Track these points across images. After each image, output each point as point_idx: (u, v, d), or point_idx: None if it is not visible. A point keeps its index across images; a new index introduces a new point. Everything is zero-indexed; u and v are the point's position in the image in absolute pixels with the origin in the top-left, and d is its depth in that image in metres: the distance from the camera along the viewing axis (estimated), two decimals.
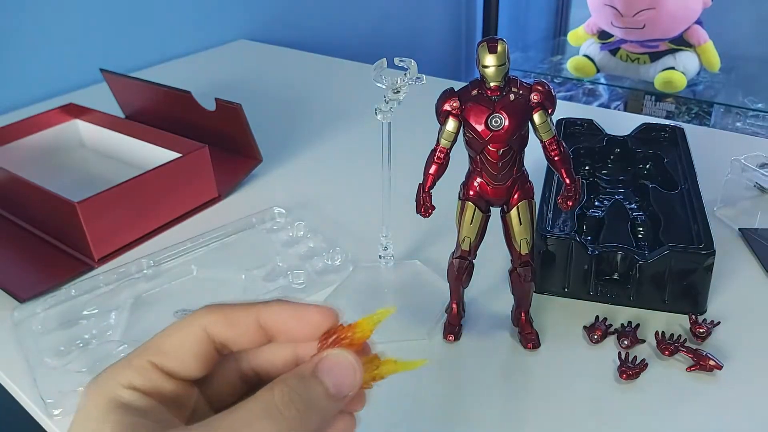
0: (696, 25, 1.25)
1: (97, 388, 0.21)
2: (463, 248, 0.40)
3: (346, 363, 0.21)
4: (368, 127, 0.74)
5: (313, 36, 1.24)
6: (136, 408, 0.20)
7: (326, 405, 0.21)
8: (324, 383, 0.21)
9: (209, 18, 1.09)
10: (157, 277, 0.50)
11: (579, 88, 1.45)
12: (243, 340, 0.22)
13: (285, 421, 0.19)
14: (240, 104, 0.61)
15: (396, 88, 0.39)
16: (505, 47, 0.34)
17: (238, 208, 0.60)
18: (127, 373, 0.21)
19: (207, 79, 0.93)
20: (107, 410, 0.20)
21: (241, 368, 0.24)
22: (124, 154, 0.67)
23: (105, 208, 0.52)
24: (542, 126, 0.36)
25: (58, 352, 0.43)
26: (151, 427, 0.20)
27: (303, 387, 0.20)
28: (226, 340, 0.22)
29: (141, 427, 0.20)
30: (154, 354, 0.21)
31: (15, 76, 0.86)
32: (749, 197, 0.58)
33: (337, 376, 0.21)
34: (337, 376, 0.21)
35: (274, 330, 0.22)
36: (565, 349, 0.42)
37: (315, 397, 0.20)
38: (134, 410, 0.20)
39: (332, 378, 0.21)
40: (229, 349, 0.23)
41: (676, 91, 1.25)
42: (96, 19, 0.93)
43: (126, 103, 0.75)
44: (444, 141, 0.37)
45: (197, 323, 0.22)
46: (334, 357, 0.21)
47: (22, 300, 0.48)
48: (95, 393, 0.21)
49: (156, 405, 0.21)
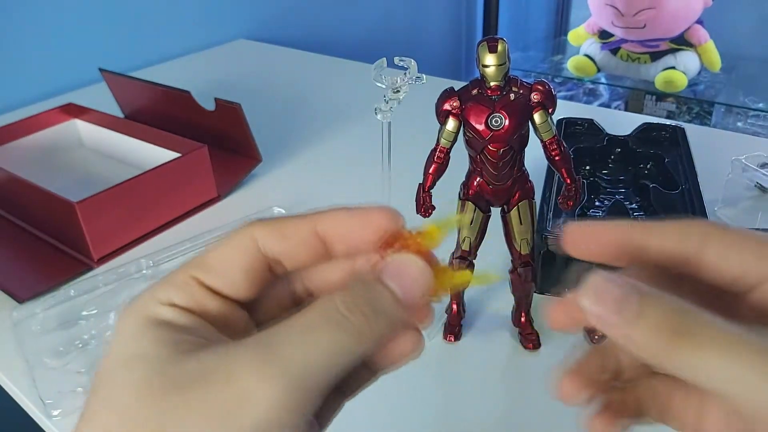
0: (697, 25, 1.25)
1: (132, 309, 0.18)
2: (463, 248, 0.40)
3: (414, 266, 0.19)
4: (368, 126, 0.74)
5: (313, 35, 1.24)
6: (178, 325, 0.18)
7: (394, 311, 0.19)
8: (391, 287, 0.19)
9: (209, 17, 1.09)
10: (157, 277, 0.50)
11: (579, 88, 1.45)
12: (299, 254, 0.20)
13: (351, 325, 0.17)
14: (239, 104, 0.61)
15: (396, 88, 0.39)
16: (506, 47, 0.34)
17: (237, 208, 0.60)
18: (167, 290, 0.18)
19: (206, 78, 0.93)
20: (144, 328, 0.17)
21: (295, 290, 0.21)
22: (124, 154, 0.67)
23: (104, 208, 0.51)
24: (543, 126, 0.36)
25: (57, 352, 0.43)
26: (196, 342, 0.17)
27: (368, 292, 0.18)
28: (280, 254, 0.19)
29: (184, 342, 0.17)
30: (198, 269, 0.19)
31: (14, 75, 0.86)
32: (750, 197, 0.58)
33: (405, 280, 0.19)
34: (405, 280, 0.19)
35: (335, 238, 0.20)
36: (565, 350, 0.42)
37: (382, 301, 0.18)
38: (175, 327, 0.18)
39: (400, 282, 0.19)
40: (283, 267, 0.20)
41: (676, 90, 1.25)
42: (95, 18, 0.93)
43: (125, 103, 0.74)
44: (444, 141, 0.37)
45: (248, 235, 0.19)
46: (400, 260, 0.19)
47: (21, 300, 0.48)
48: (130, 313, 0.18)
49: (200, 322, 0.18)
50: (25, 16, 0.85)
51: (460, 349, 0.43)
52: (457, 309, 0.43)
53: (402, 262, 0.19)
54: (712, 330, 0.16)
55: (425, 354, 0.42)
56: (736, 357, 0.15)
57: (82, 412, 0.17)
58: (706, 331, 0.16)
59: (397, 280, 0.19)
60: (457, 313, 0.43)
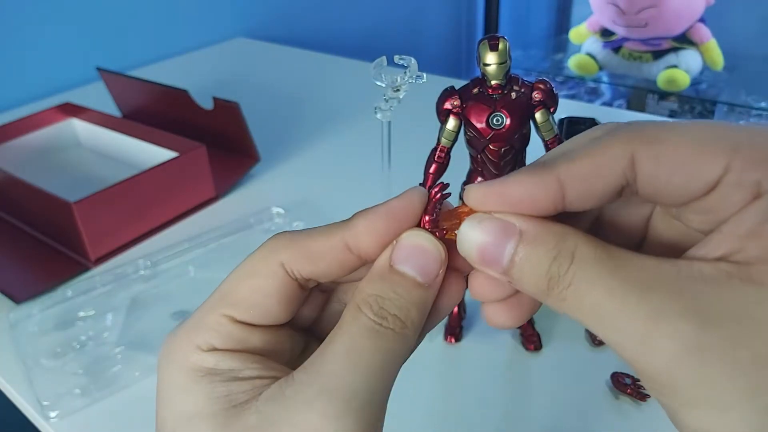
0: (699, 24, 1.24)
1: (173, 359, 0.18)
2: None
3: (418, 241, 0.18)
4: (368, 126, 0.74)
5: (311, 34, 1.23)
6: (225, 371, 0.17)
7: (420, 295, 0.18)
8: (407, 274, 0.18)
9: (206, 16, 1.08)
10: (154, 277, 0.50)
11: (581, 87, 1.44)
12: (332, 272, 0.19)
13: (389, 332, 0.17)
14: (238, 103, 0.60)
15: (396, 87, 0.38)
16: (507, 45, 0.34)
17: (236, 207, 0.60)
18: (203, 335, 0.18)
19: (204, 77, 0.93)
20: (194, 382, 0.17)
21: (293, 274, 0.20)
22: (121, 154, 0.67)
23: (101, 208, 0.51)
24: (544, 125, 0.35)
25: (54, 353, 0.42)
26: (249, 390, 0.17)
27: (388, 287, 0.18)
28: (311, 275, 0.19)
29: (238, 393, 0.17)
30: (228, 306, 0.18)
31: (10, 75, 0.86)
32: None
33: (417, 260, 0.18)
34: (418, 259, 0.18)
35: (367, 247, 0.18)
36: (567, 351, 0.41)
37: (405, 292, 0.18)
38: (223, 374, 0.17)
39: (414, 264, 0.18)
40: (316, 282, 0.19)
41: (679, 89, 1.25)
42: (92, 17, 0.92)
43: (123, 102, 0.74)
44: (444, 140, 0.36)
45: (274, 261, 0.18)
46: (403, 243, 0.18)
47: (18, 301, 0.47)
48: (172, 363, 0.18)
49: (246, 359, 0.18)
50: (22, 15, 0.85)
51: (461, 350, 0.42)
52: (457, 310, 0.43)
53: (405, 243, 0.18)
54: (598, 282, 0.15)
55: (426, 355, 0.42)
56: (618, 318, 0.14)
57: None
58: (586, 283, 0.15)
59: (410, 263, 0.18)
60: (457, 314, 0.43)
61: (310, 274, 0.19)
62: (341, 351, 0.17)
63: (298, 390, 0.16)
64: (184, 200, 0.58)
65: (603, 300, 0.15)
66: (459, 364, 0.41)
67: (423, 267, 0.18)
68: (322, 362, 0.17)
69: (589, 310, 0.15)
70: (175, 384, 0.17)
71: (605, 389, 0.39)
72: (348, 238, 0.19)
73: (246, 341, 0.18)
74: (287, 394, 0.16)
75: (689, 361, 0.14)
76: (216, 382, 0.17)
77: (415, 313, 0.18)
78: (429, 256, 0.18)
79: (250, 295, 0.18)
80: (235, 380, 0.17)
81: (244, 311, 0.18)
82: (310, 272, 0.18)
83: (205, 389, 0.17)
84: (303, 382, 0.16)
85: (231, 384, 0.17)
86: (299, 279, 0.19)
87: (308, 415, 0.16)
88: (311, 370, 0.17)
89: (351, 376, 0.16)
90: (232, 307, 0.18)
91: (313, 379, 0.16)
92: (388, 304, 0.17)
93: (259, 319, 0.18)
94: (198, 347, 0.18)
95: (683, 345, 0.14)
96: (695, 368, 0.14)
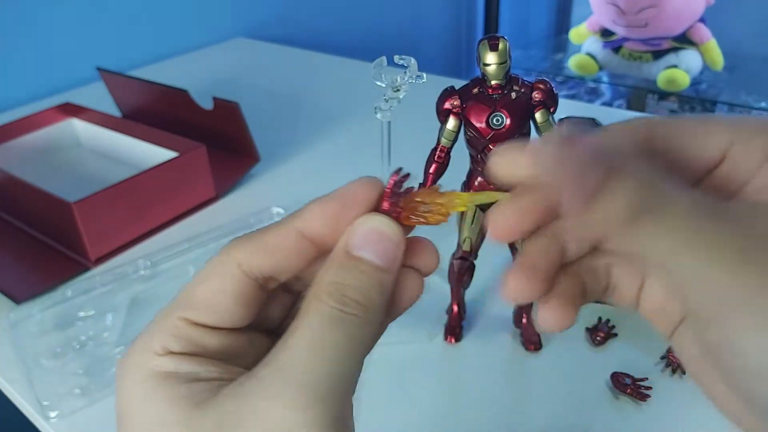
0: (699, 24, 1.24)
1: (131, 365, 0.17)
2: (464, 249, 0.39)
3: (374, 225, 0.18)
4: (368, 125, 0.73)
5: (311, 34, 1.23)
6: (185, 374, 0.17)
7: (380, 279, 0.18)
8: (365, 258, 0.18)
9: (206, 16, 1.08)
10: (154, 277, 0.50)
11: (581, 87, 1.44)
12: (290, 264, 0.18)
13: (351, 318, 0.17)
14: (238, 103, 0.60)
15: (396, 87, 0.38)
16: (507, 45, 0.34)
17: (235, 207, 0.60)
18: (160, 338, 0.17)
19: (204, 77, 0.93)
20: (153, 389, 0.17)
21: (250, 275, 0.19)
22: (121, 154, 0.67)
23: (101, 208, 0.51)
24: (544, 125, 0.35)
25: (54, 353, 0.42)
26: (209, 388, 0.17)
27: (347, 273, 0.17)
28: (270, 271, 0.18)
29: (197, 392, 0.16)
30: (185, 309, 0.18)
31: (10, 74, 0.86)
32: None
33: (375, 244, 0.18)
34: (375, 242, 0.18)
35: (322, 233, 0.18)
36: (567, 351, 0.41)
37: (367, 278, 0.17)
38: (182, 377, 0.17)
39: (371, 248, 0.18)
40: (277, 281, 0.19)
41: (679, 89, 1.25)
42: (92, 16, 0.92)
43: (123, 102, 0.74)
44: (444, 140, 0.36)
45: (229, 262, 0.18)
46: (359, 228, 0.18)
47: (18, 301, 0.47)
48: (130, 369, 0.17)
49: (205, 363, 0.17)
50: (22, 15, 0.85)
51: (461, 350, 0.42)
52: (457, 310, 0.43)
53: (364, 227, 0.18)
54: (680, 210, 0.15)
55: (426, 356, 0.42)
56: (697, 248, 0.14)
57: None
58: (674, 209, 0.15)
59: (368, 247, 0.18)
60: (457, 314, 0.43)
61: (269, 269, 0.18)
62: (304, 342, 0.16)
63: (260, 384, 0.16)
64: (184, 200, 0.58)
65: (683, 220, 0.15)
66: (459, 364, 0.41)
67: (381, 250, 0.18)
68: (285, 355, 0.16)
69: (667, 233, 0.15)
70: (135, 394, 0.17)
71: (605, 389, 0.39)
72: (300, 225, 0.18)
73: (205, 344, 0.18)
74: (248, 388, 0.16)
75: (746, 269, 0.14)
76: (176, 384, 0.17)
77: (377, 297, 0.18)
78: (386, 239, 0.18)
79: (207, 296, 0.18)
80: (195, 381, 0.17)
81: (201, 313, 0.18)
82: (268, 267, 0.18)
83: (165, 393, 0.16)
84: (265, 376, 0.16)
85: (192, 385, 0.17)
86: (258, 278, 0.18)
87: (273, 408, 0.15)
88: (273, 364, 0.16)
89: (316, 366, 0.16)
90: (189, 310, 0.18)
91: (276, 372, 0.16)
92: (349, 290, 0.17)
93: (217, 321, 0.18)
94: (155, 353, 0.17)
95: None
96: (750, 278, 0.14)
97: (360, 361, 0.17)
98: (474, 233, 0.39)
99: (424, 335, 0.43)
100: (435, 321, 0.44)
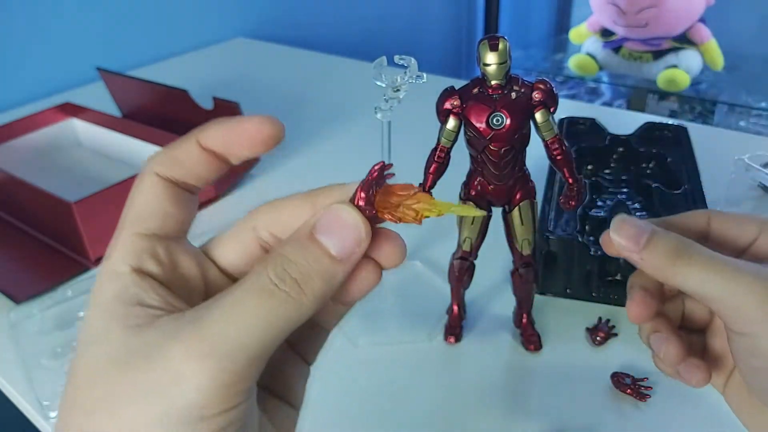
0: (699, 23, 1.24)
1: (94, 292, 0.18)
2: (464, 249, 0.39)
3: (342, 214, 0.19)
4: (368, 125, 0.73)
5: (311, 34, 1.23)
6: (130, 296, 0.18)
7: (331, 269, 0.18)
8: (324, 245, 0.18)
9: (206, 16, 1.08)
10: None
11: (581, 87, 1.44)
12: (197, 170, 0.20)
13: (283, 294, 0.17)
14: (238, 103, 0.60)
15: (396, 87, 0.38)
16: (507, 45, 0.34)
17: (235, 207, 0.60)
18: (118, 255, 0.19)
19: (204, 77, 0.93)
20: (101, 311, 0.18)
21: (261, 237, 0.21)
22: (121, 154, 0.67)
23: (101, 208, 0.51)
24: (544, 125, 0.35)
25: (54, 353, 0.42)
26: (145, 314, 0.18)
27: (300, 253, 0.18)
28: (182, 178, 0.20)
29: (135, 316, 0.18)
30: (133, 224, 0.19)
31: (11, 75, 0.86)
32: (753, 197, 0.57)
33: (339, 234, 0.18)
34: (340, 233, 0.18)
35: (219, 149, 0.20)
36: (567, 351, 0.41)
37: (314, 262, 0.18)
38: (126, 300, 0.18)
39: (334, 237, 0.18)
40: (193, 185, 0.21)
41: (679, 89, 1.25)
42: (92, 17, 0.92)
43: (123, 102, 0.74)
44: (444, 140, 0.36)
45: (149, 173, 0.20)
46: (328, 213, 0.19)
47: (18, 301, 0.47)
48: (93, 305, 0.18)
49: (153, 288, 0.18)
50: (22, 15, 0.85)
51: (461, 350, 0.42)
52: (458, 310, 0.43)
53: (332, 213, 0.19)
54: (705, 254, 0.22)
55: (426, 355, 0.42)
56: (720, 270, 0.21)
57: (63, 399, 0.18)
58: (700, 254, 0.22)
59: (331, 235, 0.18)
60: (457, 314, 0.43)
61: (180, 176, 0.20)
62: (228, 301, 0.17)
63: (177, 326, 0.17)
64: None
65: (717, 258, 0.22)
66: (459, 364, 0.41)
67: (341, 241, 0.18)
68: (207, 307, 0.17)
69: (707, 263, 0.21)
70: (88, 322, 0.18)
71: (605, 389, 0.39)
72: (199, 138, 0.20)
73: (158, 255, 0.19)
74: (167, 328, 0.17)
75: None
76: (118, 304, 0.18)
77: (319, 284, 0.18)
78: (348, 232, 0.18)
79: (147, 204, 0.20)
80: (135, 305, 0.18)
81: (147, 221, 0.19)
82: (179, 175, 0.20)
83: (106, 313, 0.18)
84: (184, 320, 0.17)
85: (133, 308, 0.18)
86: (179, 182, 0.20)
87: (175, 351, 0.16)
88: (198, 310, 0.17)
89: (228, 325, 0.17)
90: (136, 223, 0.19)
91: (195, 319, 0.17)
92: (293, 268, 0.18)
93: (163, 226, 0.20)
94: (114, 272, 0.18)
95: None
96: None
97: (276, 337, 0.17)
98: (474, 233, 0.39)
99: (423, 335, 0.43)
100: (435, 321, 0.44)
